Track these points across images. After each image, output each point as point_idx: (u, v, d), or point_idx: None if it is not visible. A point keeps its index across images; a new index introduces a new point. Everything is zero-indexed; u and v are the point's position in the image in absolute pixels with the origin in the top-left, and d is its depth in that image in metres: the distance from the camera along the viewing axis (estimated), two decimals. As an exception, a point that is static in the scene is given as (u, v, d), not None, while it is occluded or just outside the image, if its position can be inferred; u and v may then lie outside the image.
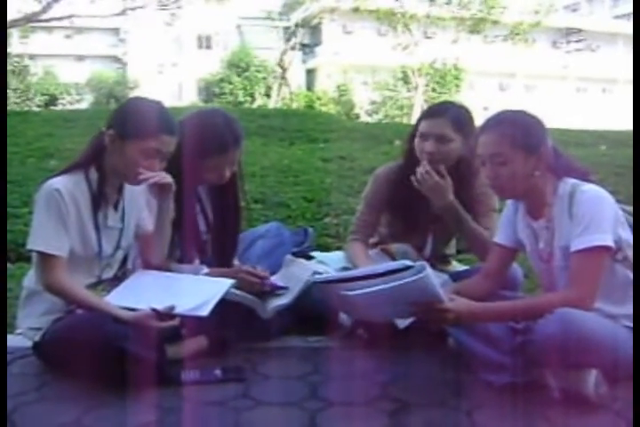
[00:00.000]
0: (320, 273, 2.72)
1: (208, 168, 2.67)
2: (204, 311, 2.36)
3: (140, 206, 2.62)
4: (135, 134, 2.39)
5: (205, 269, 2.67)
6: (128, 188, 2.55)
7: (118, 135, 2.39)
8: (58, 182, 2.35)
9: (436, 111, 2.88)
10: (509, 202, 2.51)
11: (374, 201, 3.01)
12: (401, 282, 2.05)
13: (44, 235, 2.33)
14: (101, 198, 2.45)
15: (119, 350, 2.17)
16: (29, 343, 2.44)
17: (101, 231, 2.46)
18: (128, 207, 2.57)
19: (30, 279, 2.49)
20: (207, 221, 2.83)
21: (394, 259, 2.80)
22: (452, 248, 3.18)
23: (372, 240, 3.08)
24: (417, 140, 2.85)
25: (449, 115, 2.81)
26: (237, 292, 2.61)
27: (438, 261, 3.05)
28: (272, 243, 3.07)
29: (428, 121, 2.83)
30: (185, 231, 2.69)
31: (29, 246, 2.37)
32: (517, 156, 2.26)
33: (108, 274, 2.54)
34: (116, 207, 2.53)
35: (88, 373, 2.20)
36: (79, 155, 2.49)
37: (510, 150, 2.26)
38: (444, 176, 2.77)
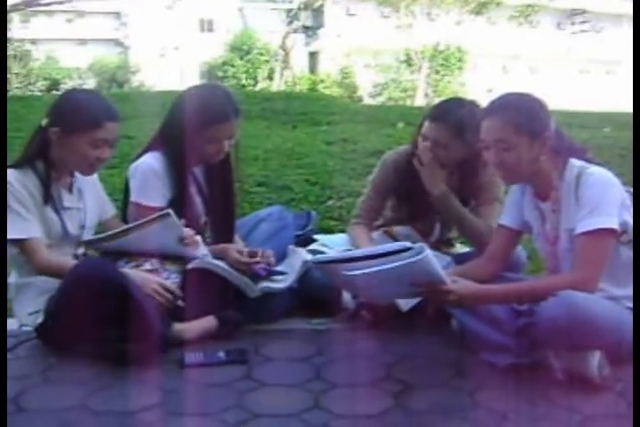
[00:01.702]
0: (321, 252, 2.74)
1: (207, 139, 2.66)
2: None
3: (96, 192, 2.72)
4: (80, 128, 2.42)
5: (205, 251, 2.68)
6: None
7: (63, 131, 2.43)
8: (8, 175, 2.41)
9: (439, 115, 2.80)
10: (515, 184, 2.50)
11: (381, 187, 3.00)
12: (400, 263, 2.05)
13: (10, 223, 2.38)
14: (51, 185, 2.49)
15: (122, 291, 2.22)
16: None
17: (61, 213, 2.52)
18: (84, 189, 2.64)
19: (12, 277, 2.56)
20: (205, 203, 2.83)
21: (396, 241, 2.80)
22: (455, 231, 3.17)
23: (376, 223, 3.08)
24: (419, 137, 2.84)
25: (450, 120, 2.74)
26: (225, 266, 2.64)
27: (443, 244, 3.05)
28: (275, 226, 3.07)
29: (430, 123, 2.80)
30: (185, 212, 2.69)
31: (6, 238, 2.39)
32: (522, 141, 2.24)
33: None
34: (70, 190, 2.59)
35: (93, 326, 2.23)
36: (24, 150, 2.52)
37: (515, 136, 2.24)
38: (443, 166, 2.78)
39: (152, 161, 2.67)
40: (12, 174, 2.42)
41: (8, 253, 2.47)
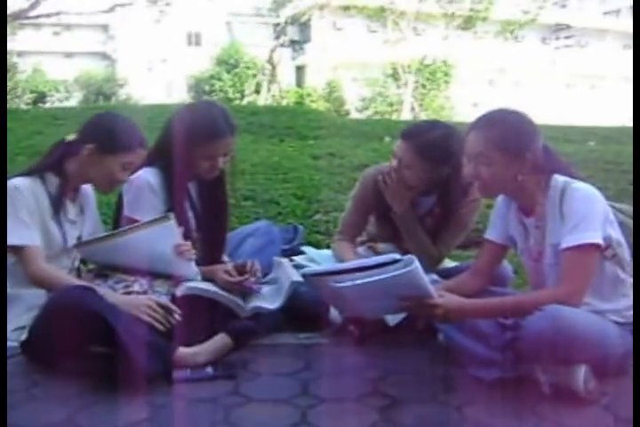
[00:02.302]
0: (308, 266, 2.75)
1: (202, 156, 2.67)
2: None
3: (93, 208, 2.80)
4: (115, 149, 2.55)
5: (196, 270, 2.67)
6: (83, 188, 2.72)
7: (97, 149, 2.53)
8: (17, 181, 2.48)
9: (409, 134, 2.82)
10: (500, 198, 2.51)
11: (361, 203, 3.02)
12: (389, 275, 2.06)
13: (13, 230, 2.41)
14: (61, 201, 2.57)
15: (105, 322, 2.18)
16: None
17: (64, 225, 2.58)
18: (84, 203, 2.72)
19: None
20: (197, 219, 2.83)
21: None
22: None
23: (360, 239, 3.09)
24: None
25: (418, 141, 2.76)
26: (215, 289, 2.64)
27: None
28: (262, 241, 3.08)
29: (399, 141, 2.83)
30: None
31: (6, 243, 2.42)
32: (500, 158, 2.26)
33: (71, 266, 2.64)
34: (73, 201, 2.66)
35: (77, 352, 2.23)
36: (37, 161, 2.64)
37: (494, 152, 2.26)
38: (410, 188, 2.82)
39: (147, 176, 2.67)
40: (22, 182, 2.48)
41: (13, 282, 2.49)
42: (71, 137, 2.61)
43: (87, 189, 2.74)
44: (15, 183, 2.47)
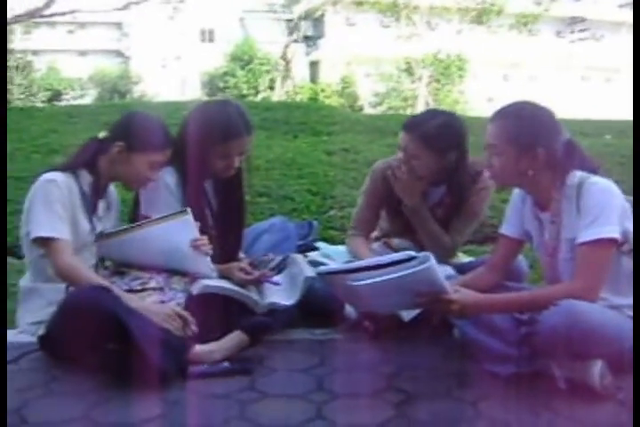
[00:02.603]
0: (322, 263, 2.75)
1: (218, 155, 2.68)
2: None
3: (117, 206, 2.81)
4: (145, 148, 2.57)
5: (212, 266, 2.67)
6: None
7: (127, 147, 2.56)
8: (52, 175, 2.49)
9: (410, 124, 2.84)
10: (516, 193, 2.50)
11: (371, 197, 3.02)
12: (405, 272, 2.06)
13: (46, 222, 2.43)
14: (93, 198, 2.59)
15: (120, 323, 2.19)
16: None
17: (94, 221, 2.59)
18: (111, 201, 2.74)
19: (26, 279, 2.58)
20: (213, 217, 2.84)
21: (396, 252, 2.81)
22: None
23: (374, 234, 3.09)
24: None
25: (420, 131, 2.78)
26: (231, 286, 2.65)
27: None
28: (277, 237, 3.08)
29: (402, 133, 2.84)
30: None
31: (35, 235, 2.43)
32: (510, 151, 2.27)
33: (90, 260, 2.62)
34: (102, 199, 2.68)
35: (93, 351, 2.24)
36: (71, 157, 2.64)
37: (503, 144, 2.27)
38: (421, 178, 2.82)
39: (164, 175, 2.68)
40: (59, 176, 2.48)
41: (29, 255, 2.54)
42: (103, 134, 2.64)
43: (111, 188, 2.75)
44: (50, 177, 2.48)
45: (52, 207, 2.43)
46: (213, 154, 2.67)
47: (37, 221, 2.44)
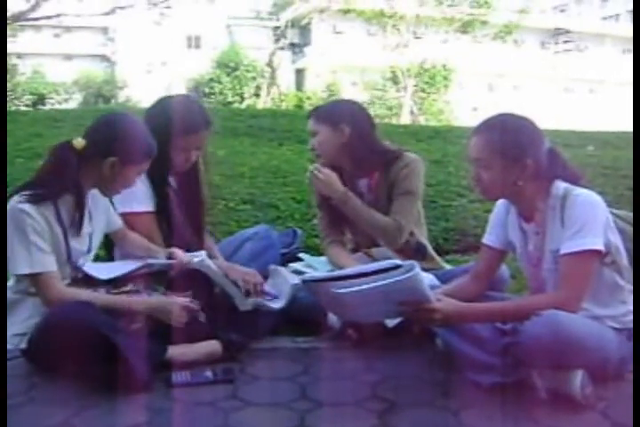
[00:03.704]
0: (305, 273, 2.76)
1: (178, 148, 2.74)
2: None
3: (105, 207, 2.68)
4: (139, 160, 2.48)
5: (204, 254, 2.70)
6: (91, 193, 2.57)
7: (121, 162, 2.43)
8: (24, 206, 2.32)
9: (311, 111, 3.10)
10: (500, 203, 2.51)
11: (320, 203, 3.09)
12: (390, 280, 2.06)
13: (25, 257, 2.31)
14: (79, 222, 2.47)
15: (105, 340, 2.19)
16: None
17: (73, 241, 2.48)
18: (93, 210, 2.59)
19: (9, 289, 2.50)
20: (179, 207, 2.89)
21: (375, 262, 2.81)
22: (419, 238, 3.10)
23: (349, 247, 3.11)
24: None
25: (315, 112, 3.03)
26: (220, 273, 2.66)
27: (417, 258, 3.05)
28: (261, 245, 3.09)
29: (312, 121, 3.02)
30: (170, 218, 2.80)
31: (18, 272, 2.35)
32: (499, 163, 2.26)
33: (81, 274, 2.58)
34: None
35: (77, 366, 2.22)
36: (46, 178, 2.43)
37: (493, 157, 2.26)
38: (330, 170, 2.92)
39: None
40: (31, 209, 2.32)
41: (16, 288, 2.45)
42: (80, 143, 2.43)
43: (95, 194, 2.60)
44: (20, 206, 2.31)
45: (28, 238, 2.30)
46: (174, 147, 2.72)
47: (16, 257, 2.32)
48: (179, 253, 2.65)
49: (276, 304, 2.67)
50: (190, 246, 2.79)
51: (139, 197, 2.71)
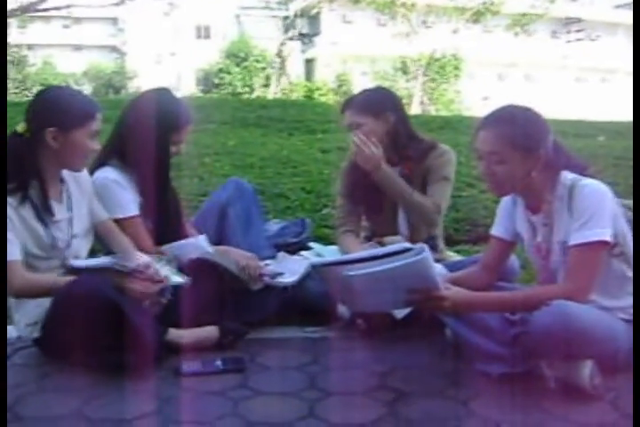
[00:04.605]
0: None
1: (172, 142, 2.75)
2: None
3: (89, 195, 2.64)
4: (78, 121, 2.40)
5: (203, 238, 2.75)
6: (71, 175, 2.57)
7: (61, 129, 2.38)
8: None
9: (345, 103, 3.04)
10: (507, 194, 2.51)
11: (347, 194, 3.09)
12: (401, 262, 2.05)
13: None
14: (46, 206, 2.44)
15: (118, 311, 2.21)
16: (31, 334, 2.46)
17: (51, 227, 2.46)
18: (75, 195, 2.58)
19: None
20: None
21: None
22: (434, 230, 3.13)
23: (363, 235, 3.11)
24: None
25: (354, 103, 2.98)
26: (230, 259, 2.68)
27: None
28: (242, 208, 3.06)
29: (343, 114, 3.01)
30: (159, 212, 2.79)
31: None
32: (515, 156, 2.23)
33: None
34: (60, 200, 2.53)
35: (90, 342, 2.23)
36: (14, 174, 2.39)
37: (508, 150, 2.23)
38: (377, 146, 2.86)
39: (107, 174, 2.70)
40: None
41: None
42: (22, 127, 2.42)
43: (79, 179, 2.61)
44: None
45: None
46: (171, 140, 2.74)
47: None
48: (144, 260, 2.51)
49: (288, 279, 2.68)
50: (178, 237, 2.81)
51: (122, 203, 2.70)
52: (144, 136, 2.67)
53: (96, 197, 2.66)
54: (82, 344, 2.24)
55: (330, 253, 3.05)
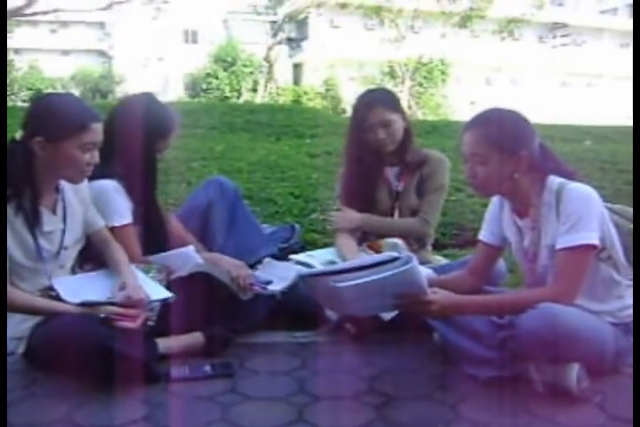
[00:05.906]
0: (309, 263, 2.79)
1: (160, 149, 2.76)
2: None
3: (85, 206, 2.58)
4: (67, 132, 2.30)
5: (192, 248, 2.74)
6: (68, 186, 2.50)
7: (49, 139, 2.29)
8: None
9: (366, 102, 3.08)
10: (495, 199, 2.52)
11: (342, 196, 3.18)
12: (389, 273, 2.06)
13: None
14: (36, 215, 2.37)
15: (108, 351, 2.17)
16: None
17: (38, 238, 2.38)
18: (70, 206, 2.51)
19: None
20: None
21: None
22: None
23: (358, 235, 3.13)
24: (366, 131, 3.05)
25: (382, 101, 3.05)
26: (220, 270, 2.67)
27: (416, 246, 3.13)
28: (227, 208, 3.07)
29: (370, 112, 3.02)
30: (150, 218, 2.79)
31: None
32: (495, 157, 2.26)
33: (64, 274, 2.51)
34: (54, 210, 2.47)
35: (78, 374, 2.22)
36: (9, 183, 2.33)
37: (489, 151, 2.26)
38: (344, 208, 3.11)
39: (106, 180, 2.66)
40: None
41: None
42: (20, 134, 2.36)
43: (77, 190, 2.54)
44: None
45: None
46: (159, 146, 2.74)
47: None
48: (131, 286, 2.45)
49: (276, 287, 2.69)
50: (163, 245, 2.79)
51: (119, 210, 2.67)
52: (130, 144, 2.64)
53: (93, 202, 2.60)
54: (70, 373, 2.24)
55: (322, 255, 3.06)
